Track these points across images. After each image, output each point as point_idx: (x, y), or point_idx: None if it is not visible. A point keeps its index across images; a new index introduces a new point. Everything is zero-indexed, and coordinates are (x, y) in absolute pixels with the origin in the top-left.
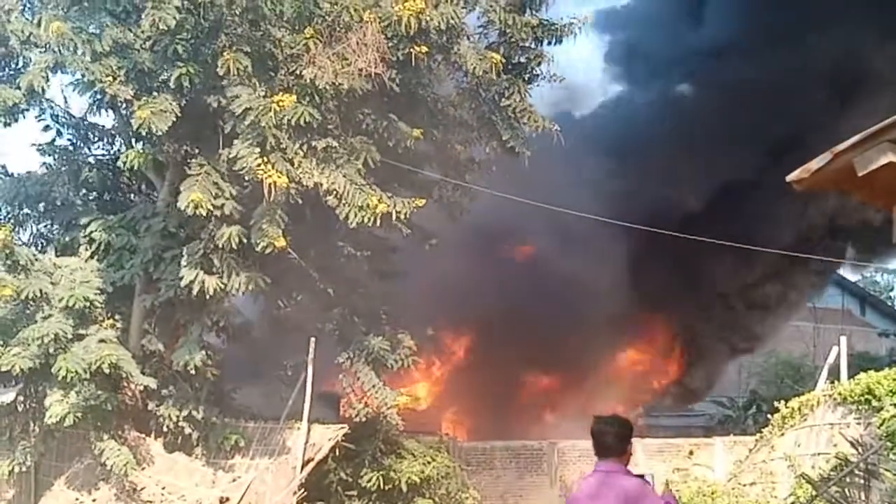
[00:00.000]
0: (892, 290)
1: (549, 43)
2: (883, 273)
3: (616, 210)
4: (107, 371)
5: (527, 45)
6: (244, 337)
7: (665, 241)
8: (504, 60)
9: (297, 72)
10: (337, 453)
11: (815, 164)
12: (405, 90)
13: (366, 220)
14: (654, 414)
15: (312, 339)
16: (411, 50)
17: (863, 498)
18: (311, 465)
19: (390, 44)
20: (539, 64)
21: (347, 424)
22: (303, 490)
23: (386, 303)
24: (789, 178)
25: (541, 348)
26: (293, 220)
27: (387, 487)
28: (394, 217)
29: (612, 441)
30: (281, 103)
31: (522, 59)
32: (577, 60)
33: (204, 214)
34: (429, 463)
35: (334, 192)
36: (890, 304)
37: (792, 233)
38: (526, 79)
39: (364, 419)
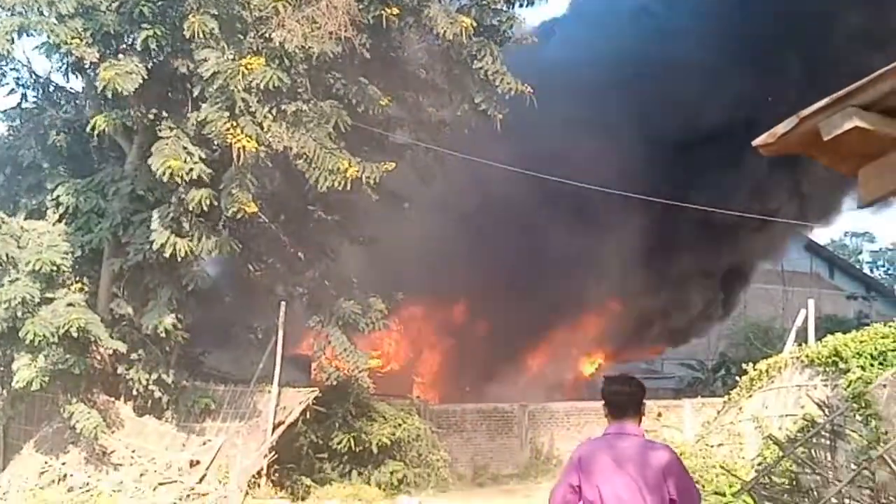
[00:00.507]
0: (860, 253)
1: (521, 5)
2: (851, 237)
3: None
4: (75, 335)
5: (498, 7)
6: (214, 301)
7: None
8: (475, 23)
9: (267, 35)
10: (308, 416)
11: (781, 128)
12: (376, 54)
13: (336, 183)
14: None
15: (283, 302)
16: (382, 12)
17: (829, 458)
18: (282, 428)
19: (360, 6)
20: (511, 27)
21: (318, 388)
22: (273, 453)
23: (357, 267)
24: (755, 142)
25: (522, 312)
26: (263, 184)
27: (357, 450)
28: (363, 181)
29: (629, 401)
30: (249, 66)
31: (494, 22)
32: None
33: (178, 181)
34: (399, 425)
35: (304, 156)
36: (858, 267)
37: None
38: (498, 41)
39: (335, 382)
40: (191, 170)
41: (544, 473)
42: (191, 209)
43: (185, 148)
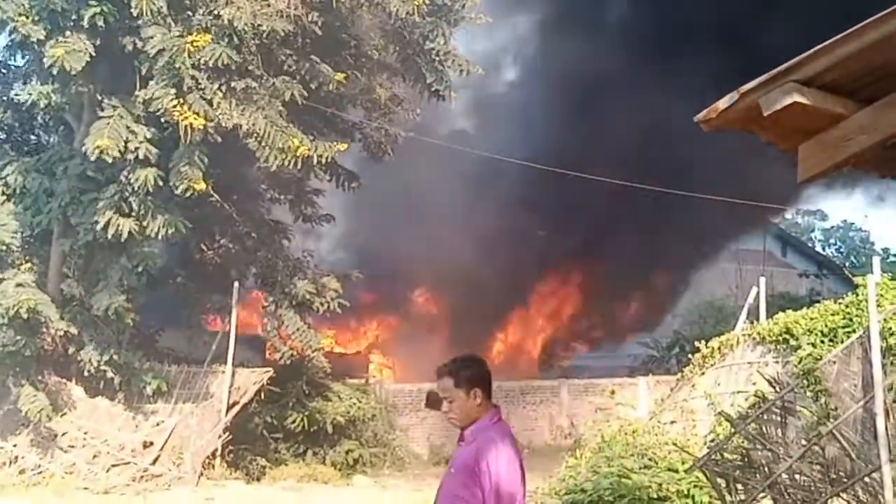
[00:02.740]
0: (812, 231)
1: None
2: (803, 215)
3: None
4: (25, 316)
5: None
6: (167, 281)
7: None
8: (428, 2)
9: (216, 12)
10: (262, 396)
11: (722, 103)
12: (327, 32)
13: (286, 162)
14: (580, 355)
15: (236, 283)
16: None
17: (779, 434)
18: (236, 408)
19: None
20: (464, 7)
21: (273, 368)
22: (227, 434)
23: (312, 246)
24: (697, 118)
25: (481, 294)
26: (215, 162)
27: (312, 429)
28: (315, 160)
29: None
30: (195, 43)
31: (447, 2)
32: None
33: (109, 161)
34: (354, 405)
35: (254, 134)
36: (811, 245)
37: None
38: (451, 21)
39: (289, 362)
40: (136, 149)
41: None
42: (136, 188)
43: (128, 127)
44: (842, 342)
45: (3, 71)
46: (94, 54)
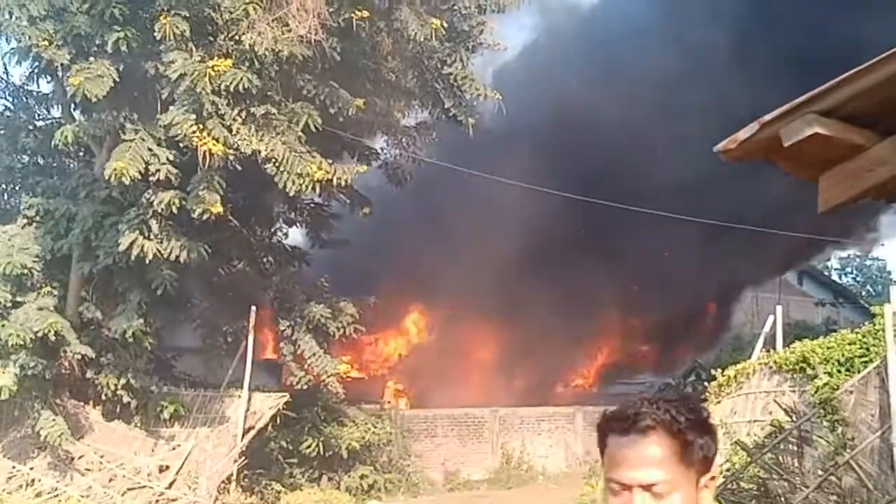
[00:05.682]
0: (828, 260)
1: (493, 11)
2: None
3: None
4: (53, 339)
5: (469, 12)
6: (184, 305)
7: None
8: (446, 27)
9: (237, 37)
10: (278, 421)
11: (742, 133)
12: (346, 58)
13: (304, 187)
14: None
15: (253, 307)
16: (352, 15)
17: (796, 464)
18: (252, 433)
19: (331, 9)
20: (481, 32)
21: (289, 392)
22: (243, 458)
23: (328, 270)
24: (716, 148)
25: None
26: (233, 187)
27: (327, 455)
28: (334, 184)
29: None
30: (216, 68)
31: (465, 27)
32: None
33: (127, 182)
34: (369, 430)
35: (273, 160)
36: (826, 274)
37: None
38: (469, 47)
39: (305, 387)
40: (156, 172)
41: (515, 479)
42: (159, 211)
43: (150, 150)
44: (858, 372)
45: (26, 98)
46: (117, 79)
